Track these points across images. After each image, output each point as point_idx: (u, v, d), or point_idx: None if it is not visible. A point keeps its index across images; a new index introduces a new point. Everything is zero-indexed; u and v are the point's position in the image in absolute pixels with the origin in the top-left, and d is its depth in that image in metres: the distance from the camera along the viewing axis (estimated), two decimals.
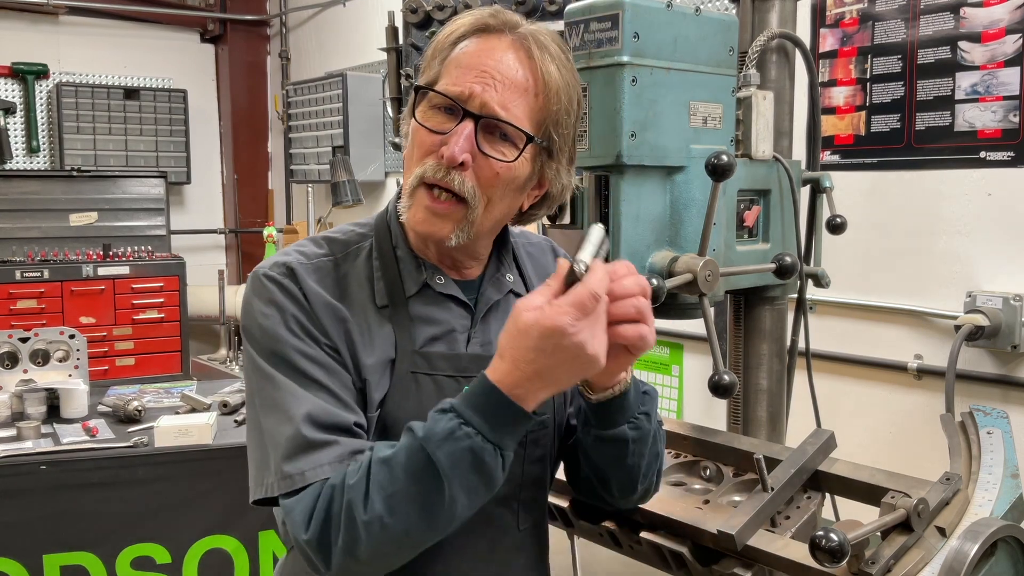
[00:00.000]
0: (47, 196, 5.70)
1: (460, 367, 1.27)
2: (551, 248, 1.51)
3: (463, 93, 1.18)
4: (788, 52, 2.05)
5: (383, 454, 1.11)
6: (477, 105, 1.18)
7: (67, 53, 6.17)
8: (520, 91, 1.20)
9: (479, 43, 1.21)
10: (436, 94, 1.20)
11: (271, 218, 6.70)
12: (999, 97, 2.57)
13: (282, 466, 1.14)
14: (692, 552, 1.52)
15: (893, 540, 1.39)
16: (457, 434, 1.07)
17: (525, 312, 1.05)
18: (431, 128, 1.20)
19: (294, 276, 1.23)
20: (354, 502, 1.09)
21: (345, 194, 5.05)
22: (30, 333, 3.12)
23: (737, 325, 2.10)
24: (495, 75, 1.18)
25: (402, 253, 1.29)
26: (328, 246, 1.30)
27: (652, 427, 1.32)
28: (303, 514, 1.12)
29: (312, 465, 1.13)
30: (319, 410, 1.16)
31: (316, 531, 1.10)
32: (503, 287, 1.35)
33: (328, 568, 1.11)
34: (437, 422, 1.09)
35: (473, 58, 1.20)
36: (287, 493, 1.14)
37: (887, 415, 2.89)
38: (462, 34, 1.22)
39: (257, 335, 1.22)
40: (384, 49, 2.46)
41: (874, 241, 2.88)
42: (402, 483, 1.08)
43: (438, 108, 1.20)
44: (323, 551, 1.11)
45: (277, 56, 6.66)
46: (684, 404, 3.61)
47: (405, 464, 1.09)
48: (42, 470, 2.59)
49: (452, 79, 1.20)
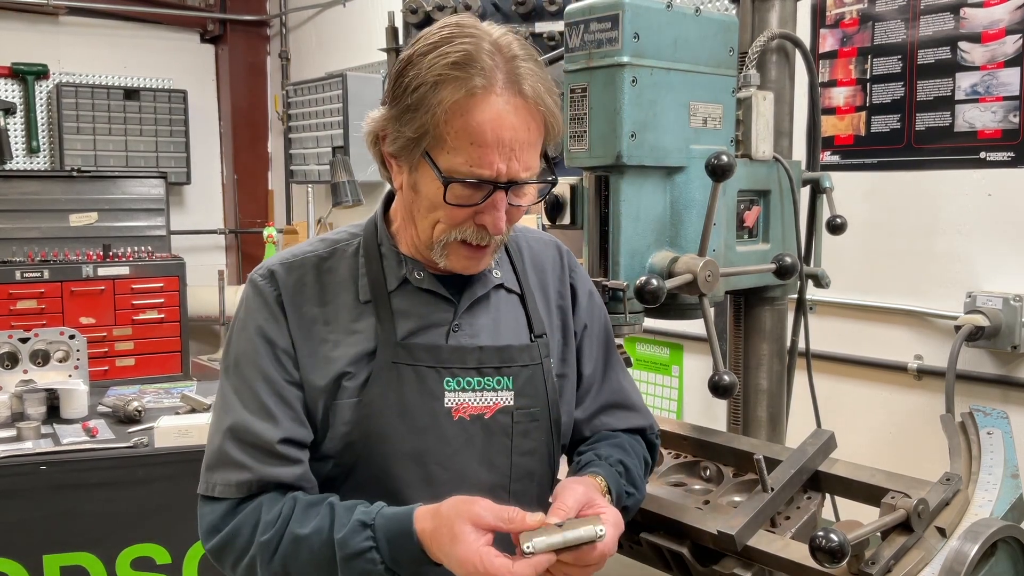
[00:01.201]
0: (47, 196, 5.70)
1: (441, 358, 1.32)
2: (556, 245, 1.54)
3: (493, 175, 1.23)
4: (788, 52, 2.05)
5: (300, 532, 1.22)
6: (506, 179, 1.24)
7: (67, 53, 6.18)
8: (533, 144, 1.26)
9: (482, 110, 1.21)
10: (464, 182, 1.23)
11: (271, 218, 6.70)
12: (999, 97, 2.57)
13: (204, 472, 1.31)
14: (692, 552, 1.52)
15: (893, 540, 1.38)
16: (367, 555, 1.18)
17: (468, 523, 1.14)
18: (465, 205, 1.25)
19: (273, 279, 1.33)
20: (259, 557, 1.24)
21: (345, 194, 5.04)
22: (30, 333, 3.12)
23: (737, 325, 2.10)
24: (513, 146, 1.23)
25: (386, 250, 1.36)
26: (318, 244, 1.39)
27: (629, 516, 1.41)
28: (210, 525, 1.28)
29: (222, 482, 1.28)
30: (243, 425, 1.28)
31: (216, 548, 1.28)
32: (488, 282, 1.40)
33: (220, 568, 1.31)
34: (355, 535, 1.19)
35: (487, 134, 1.21)
36: (205, 497, 1.31)
37: (887, 415, 2.89)
38: (455, 100, 1.20)
39: (230, 338, 1.35)
40: (384, 49, 2.46)
41: (874, 241, 2.88)
42: (304, 565, 1.22)
43: (467, 187, 1.24)
44: (218, 562, 1.30)
45: (277, 56, 6.67)
46: (684, 404, 3.61)
47: (314, 552, 1.21)
48: (42, 470, 2.59)
49: (473, 159, 1.22)
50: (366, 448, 1.29)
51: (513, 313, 1.41)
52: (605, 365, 1.52)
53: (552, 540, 1.14)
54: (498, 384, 1.34)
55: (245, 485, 1.27)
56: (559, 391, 1.42)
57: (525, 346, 1.38)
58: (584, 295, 1.51)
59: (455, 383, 1.32)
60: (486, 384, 1.34)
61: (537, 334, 1.41)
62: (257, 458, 1.27)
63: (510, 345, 1.37)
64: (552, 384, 1.40)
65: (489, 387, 1.34)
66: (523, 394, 1.36)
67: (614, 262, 1.68)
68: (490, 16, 2.16)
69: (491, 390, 1.34)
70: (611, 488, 1.33)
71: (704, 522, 1.51)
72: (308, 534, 1.21)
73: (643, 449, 1.51)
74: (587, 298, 1.52)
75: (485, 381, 1.33)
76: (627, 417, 1.52)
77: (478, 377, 1.33)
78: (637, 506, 1.42)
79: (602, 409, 1.51)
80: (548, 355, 1.41)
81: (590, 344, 1.50)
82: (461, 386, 1.32)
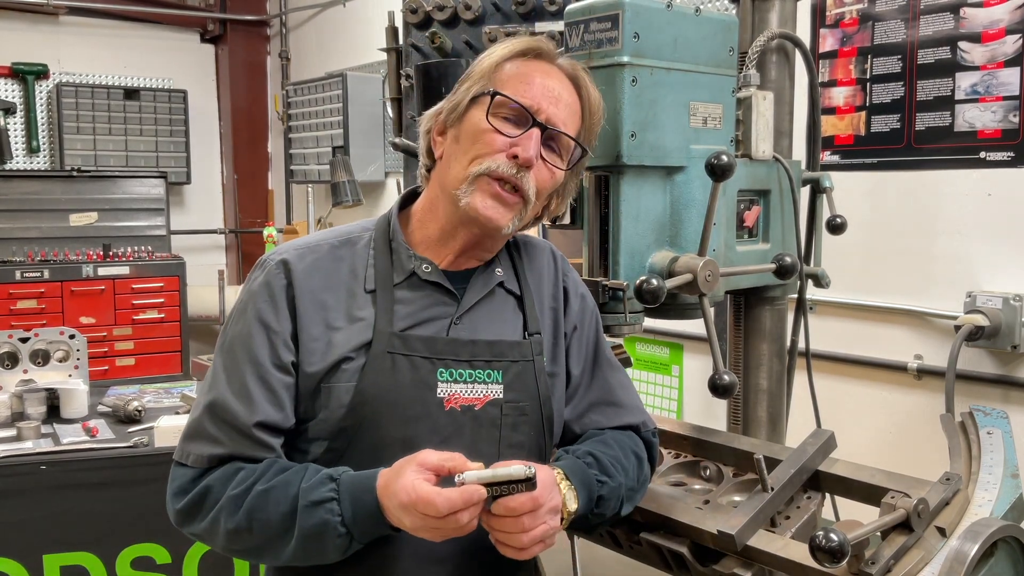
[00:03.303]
0: (47, 196, 5.70)
1: (436, 350, 1.36)
2: (550, 249, 1.57)
3: (533, 105, 1.34)
4: (788, 52, 2.05)
5: (269, 484, 1.27)
6: (544, 118, 1.35)
7: (67, 53, 6.17)
8: (574, 112, 1.39)
9: (535, 64, 1.38)
10: (509, 100, 1.34)
11: (271, 218, 6.69)
12: (999, 97, 2.57)
13: (181, 440, 1.36)
14: (692, 552, 1.52)
15: (893, 540, 1.39)
16: (326, 505, 1.24)
17: (414, 463, 1.21)
18: (503, 133, 1.34)
19: (284, 265, 1.37)
20: (225, 510, 1.28)
21: (345, 194, 5.04)
22: (30, 333, 3.12)
23: (737, 325, 2.10)
24: (556, 95, 1.36)
25: (396, 245, 1.41)
26: (331, 235, 1.45)
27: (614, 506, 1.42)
28: (179, 487, 1.33)
29: (195, 452, 1.33)
30: (223, 403, 1.32)
31: (184, 509, 1.32)
32: (492, 280, 1.44)
33: (182, 530, 1.36)
34: (321, 485, 1.25)
35: (535, 77, 1.36)
36: (178, 463, 1.35)
37: (887, 415, 2.89)
38: (516, 53, 1.39)
39: (230, 316, 1.40)
40: (384, 49, 2.46)
41: (874, 241, 2.88)
42: (267, 517, 1.26)
43: (505, 116, 1.35)
44: (184, 524, 1.34)
45: (277, 56, 6.66)
46: (684, 404, 3.61)
47: (279, 503, 1.26)
48: (42, 470, 2.58)
49: (519, 91, 1.35)
50: (358, 433, 1.33)
51: (511, 312, 1.45)
52: (594, 365, 1.55)
53: (482, 474, 1.20)
54: (488, 377, 1.38)
55: (216, 459, 1.32)
56: (550, 390, 1.45)
57: (516, 342, 1.42)
58: (576, 298, 1.54)
59: (448, 374, 1.36)
60: (476, 376, 1.38)
61: (531, 332, 1.44)
62: (231, 436, 1.32)
63: (501, 340, 1.40)
64: (543, 381, 1.43)
65: (479, 379, 1.38)
66: (512, 388, 1.39)
67: (614, 262, 1.68)
68: (490, 16, 2.16)
69: (481, 383, 1.38)
70: (569, 476, 1.34)
71: (704, 522, 1.51)
72: (276, 485, 1.27)
73: (632, 443, 1.51)
74: (578, 301, 1.55)
75: (476, 374, 1.38)
76: (616, 415, 1.53)
77: (469, 369, 1.37)
78: (617, 494, 1.41)
79: (590, 407, 1.53)
80: (540, 353, 1.44)
81: (579, 345, 1.53)
82: (454, 377, 1.36)
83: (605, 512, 1.40)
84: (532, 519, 1.23)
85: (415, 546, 1.33)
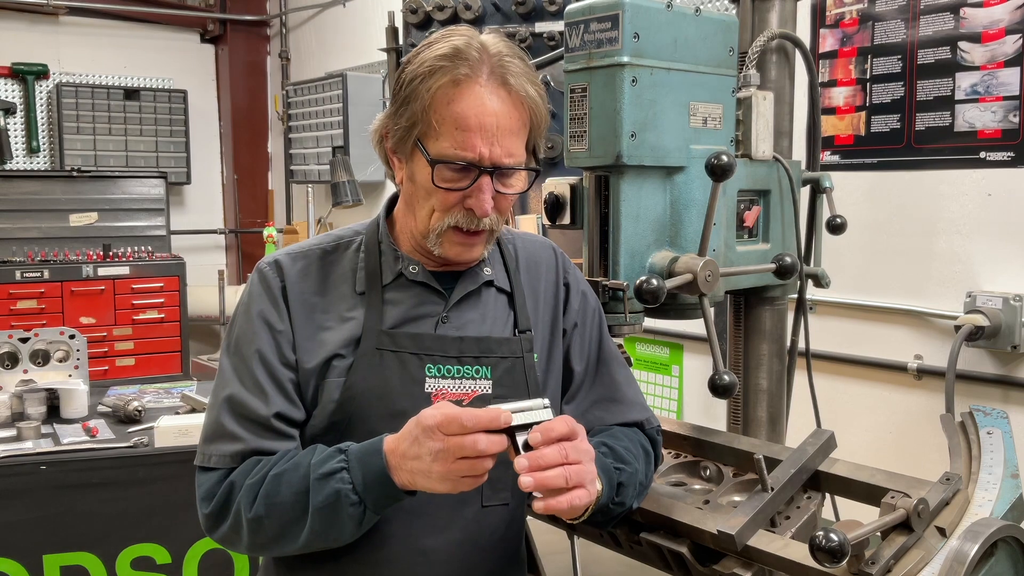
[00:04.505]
0: (47, 196, 5.70)
1: (423, 346, 1.38)
2: (551, 247, 1.58)
3: (475, 157, 1.31)
4: (788, 52, 2.05)
5: (282, 468, 1.29)
6: (489, 163, 1.31)
7: (67, 53, 6.18)
8: (516, 133, 1.34)
9: (466, 97, 1.30)
10: (450, 163, 1.31)
11: (271, 218, 6.70)
12: (999, 97, 2.57)
13: (201, 444, 1.38)
14: (692, 552, 1.52)
15: (893, 540, 1.38)
16: (338, 475, 1.25)
17: (422, 414, 1.20)
18: (452, 189, 1.33)
19: (278, 268, 1.41)
20: (243, 503, 1.29)
21: (345, 194, 5.05)
22: (30, 333, 3.12)
23: (737, 325, 2.10)
24: (494, 131, 1.31)
25: (385, 247, 1.44)
26: (324, 239, 1.47)
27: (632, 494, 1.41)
28: (207, 492, 1.34)
29: (218, 452, 1.35)
30: (239, 398, 1.34)
31: (213, 511, 1.33)
32: (479, 278, 1.45)
33: (213, 537, 1.37)
34: (331, 458, 1.27)
35: (470, 119, 1.30)
36: (201, 468, 1.36)
37: (887, 415, 2.89)
38: (447, 83, 1.30)
39: (233, 319, 1.43)
40: (384, 49, 2.46)
41: (874, 241, 2.88)
42: (281, 500, 1.27)
43: (452, 170, 1.32)
44: (214, 529, 1.35)
45: (277, 56, 6.67)
46: (684, 404, 3.61)
47: (292, 484, 1.27)
48: (42, 470, 2.58)
49: (457, 142, 1.30)
50: (348, 428, 1.35)
51: (501, 310, 1.46)
52: (598, 362, 1.55)
53: (503, 406, 1.20)
54: (476, 373, 1.40)
55: (240, 455, 1.34)
56: (543, 386, 1.45)
57: (505, 339, 1.43)
58: (577, 295, 1.55)
59: (436, 370, 1.38)
60: (465, 372, 1.39)
61: (521, 330, 1.45)
62: (251, 430, 1.34)
63: (489, 336, 1.42)
64: (534, 378, 1.44)
65: (468, 375, 1.39)
66: (501, 384, 1.41)
67: (614, 262, 1.68)
68: (490, 16, 2.17)
69: (470, 378, 1.39)
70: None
71: (704, 522, 1.51)
72: (288, 468, 1.29)
73: (639, 437, 1.52)
74: (579, 298, 1.55)
75: (464, 369, 1.39)
76: (620, 411, 1.53)
77: (457, 365, 1.39)
78: (634, 481, 1.41)
79: (594, 404, 1.53)
80: (531, 350, 1.45)
81: (581, 342, 1.53)
82: (442, 373, 1.38)
83: (624, 500, 1.39)
84: (573, 449, 1.20)
85: (409, 545, 1.34)
